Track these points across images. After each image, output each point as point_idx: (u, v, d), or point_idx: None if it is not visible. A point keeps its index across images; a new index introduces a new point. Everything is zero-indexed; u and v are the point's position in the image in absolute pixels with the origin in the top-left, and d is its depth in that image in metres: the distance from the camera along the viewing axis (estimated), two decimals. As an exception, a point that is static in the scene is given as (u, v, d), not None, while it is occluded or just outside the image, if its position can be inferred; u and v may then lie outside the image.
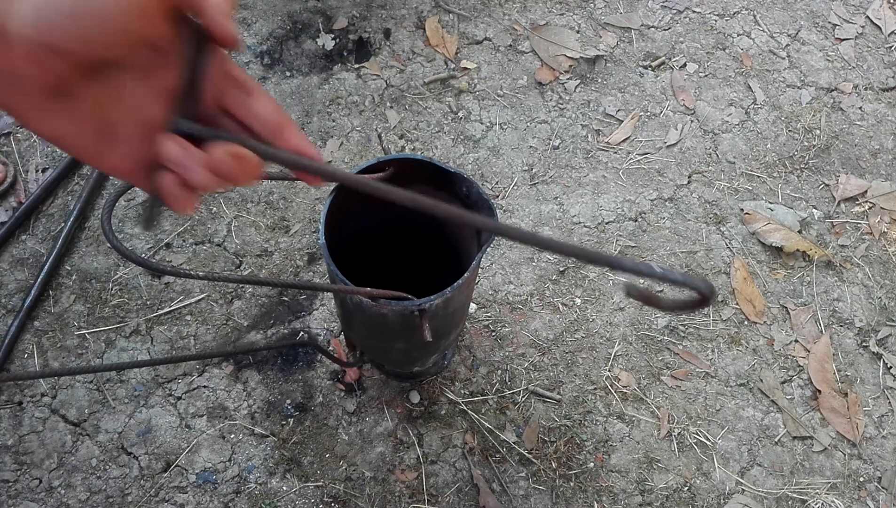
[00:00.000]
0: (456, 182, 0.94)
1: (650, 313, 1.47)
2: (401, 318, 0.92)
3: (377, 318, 0.94)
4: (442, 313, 0.95)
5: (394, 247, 1.20)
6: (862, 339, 1.49)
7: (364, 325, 1.02)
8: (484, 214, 0.93)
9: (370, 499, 1.27)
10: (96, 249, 1.44)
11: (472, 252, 1.02)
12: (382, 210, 1.05)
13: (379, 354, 1.25)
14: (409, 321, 0.93)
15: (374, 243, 1.16)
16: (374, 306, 0.88)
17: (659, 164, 1.64)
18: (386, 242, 1.18)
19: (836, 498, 1.33)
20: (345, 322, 1.15)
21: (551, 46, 1.75)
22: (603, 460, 1.33)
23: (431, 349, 1.14)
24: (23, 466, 1.25)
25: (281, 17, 1.73)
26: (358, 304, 0.90)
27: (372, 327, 1.00)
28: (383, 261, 1.21)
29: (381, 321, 0.95)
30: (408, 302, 0.87)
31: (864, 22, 1.89)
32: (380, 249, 1.18)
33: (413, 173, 0.94)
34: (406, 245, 1.19)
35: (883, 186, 1.66)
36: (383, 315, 0.92)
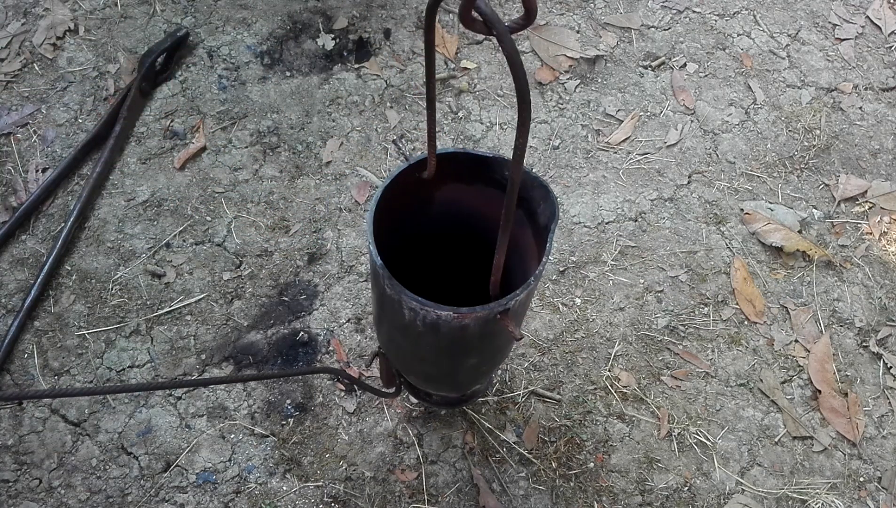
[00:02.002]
0: (495, 167, 0.87)
1: (650, 313, 1.47)
2: (482, 325, 0.83)
3: (454, 332, 0.84)
4: (522, 309, 0.88)
5: (427, 251, 1.11)
6: (862, 339, 1.49)
7: (433, 346, 0.91)
8: (537, 194, 0.86)
9: (370, 499, 1.27)
10: (96, 249, 1.44)
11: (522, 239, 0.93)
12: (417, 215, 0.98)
13: (441, 381, 1.11)
14: (490, 327, 0.84)
15: (407, 250, 1.07)
16: (454, 318, 0.79)
17: (659, 164, 1.64)
18: (420, 246, 1.09)
19: (836, 498, 1.33)
20: (396, 347, 1.02)
21: (551, 46, 1.75)
22: (603, 460, 1.33)
23: (501, 358, 1.06)
24: (23, 466, 1.25)
25: (281, 17, 1.73)
26: (433, 321, 0.81)
27: (444, 345, 0.89)
28: (416, 267, 1.11)
29: (459, 335, 0.86)
30: (492, 304, 0.79)
31: (864, 22, 1.89)
32: (413, 255, 1.09)
33: (446, 168, 0.87)
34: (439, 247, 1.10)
35: (883, 186, 1.66)
36: (464, 327, 0.82)
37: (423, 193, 0.94)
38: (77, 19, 1.68)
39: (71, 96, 1.59)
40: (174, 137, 1.56)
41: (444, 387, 1.17)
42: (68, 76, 1.61)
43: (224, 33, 1.69)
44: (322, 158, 1.57)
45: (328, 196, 1.53)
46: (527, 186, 0.86)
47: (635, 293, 1.49)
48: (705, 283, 1.51)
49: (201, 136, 1.57)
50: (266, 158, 1.56)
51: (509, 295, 0.80)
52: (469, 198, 0.94)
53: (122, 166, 1.53)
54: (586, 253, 1.52)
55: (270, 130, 1.59)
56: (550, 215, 0.84)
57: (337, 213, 1.52)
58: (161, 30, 1.67)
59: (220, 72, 1.64)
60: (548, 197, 0.84)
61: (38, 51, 1.63)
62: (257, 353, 1.37)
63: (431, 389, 1.18)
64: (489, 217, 0.96)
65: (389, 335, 0.98)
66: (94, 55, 1.64)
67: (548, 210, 0.85)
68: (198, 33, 1.68)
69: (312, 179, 1.55)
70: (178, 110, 1.60)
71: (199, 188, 1.52)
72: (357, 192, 1.54)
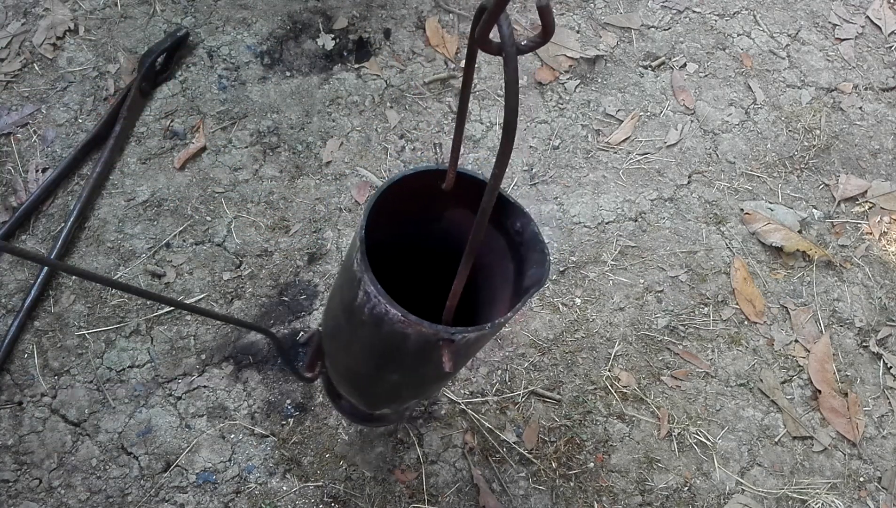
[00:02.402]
0: (511, 215, 0.84)
1: (650, 313, 1.47)
2: (422, 342, 0.79)
3: (394, 337, 0.80)
4: (466, 350, 0.84)
5: (412, 264, 1.07)
6: (862, 339, 1.49)
7: (366, 343, 0.87)
8: (534, 257, 0.82)
9: (370, 499, 1.27)
10: (96, 249, 1.44)
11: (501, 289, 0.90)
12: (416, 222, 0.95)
13: (356, 383, 1.05)
14: (428, 349, 0.80)
15: (392, 255, 1.03)
16: (399, 321, 0.75)
17: (659, 164, 1.64)
18: (407, 257, 1.05)
19: (836, 498, 1.33)
20: (334, 328, 0.97)
21: (551, 46, 1.75)
22: (603, 460, 1.33)
23: (427, 390, 1.01)
24: (23, 466, 1.25)
25: (281, 17, 1.73)
26: (379, 315, 0.77)
27: (376, 346, 0.86)
28: (398, 276, 1.07)
29: (395, 342, 0.81)
30: (439, 326, 0.75)
31: (864, 22, 1.89)
32: (397, 262, 1.05)
33: (466, 192, 0.84)
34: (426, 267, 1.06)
35: (883, 186, 1.66)
36: (404, 335, 0.79)
37: (435, 203, 0.90)
38: (77, 19, 1.68)
39: (71, 96, 1.59)
40: (174, 137, 1.56)
41: (357, 392, 1.09)
42: (68, 76, 1.61)
43: (224, 33, 1.69)
44: (322, 158, 1.57)
45: (328, 196, 1.53)
46: (529, 247, 0.83)
47: (635, 293, 1.49)
48: (705, 283, 1.51)
49: (201, 136, 1.57)
50: (266, 158, 1.56)
51: (461, 328, 0.76)
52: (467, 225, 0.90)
53: (122, 166, 1.53)
54: (586, 253, 1.52)
55: (270, 130, 1.59)
56: (537, 280, 0.81)
57: (337, 213, 1.52)
58: (161, 30, 1.67)
59: (220, 72, 1.64)
60: (543, 264, 0.81)
61: (38, 51, 1.63)
62: (257, 353, 1.37)
63: (345, 390, 1.10)
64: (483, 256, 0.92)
65: (334, 312, 0.93)
66: (94, 55, 1.64)
67: (537, 275, 0.82)
68: (198, 33, 1.68)
69: (312, 179, 1.55)
70: (178, 110, 1.60)
71: (199, 188, 1.52)
72: (357, 192, 1.54)
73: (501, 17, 0.55)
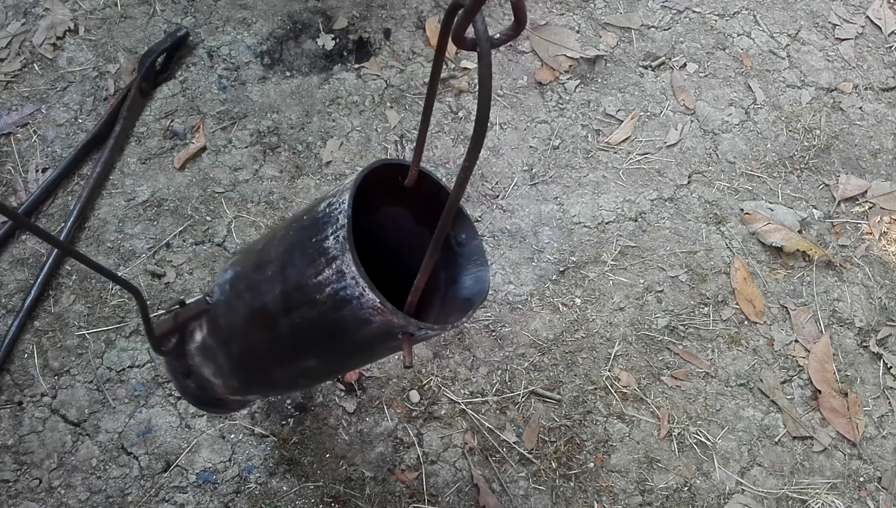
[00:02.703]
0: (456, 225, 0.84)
1: (650, 313, 1.47)
2: (381, 331, 0.75)
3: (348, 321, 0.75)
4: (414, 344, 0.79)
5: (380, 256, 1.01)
6: (862, 339, 1.49)
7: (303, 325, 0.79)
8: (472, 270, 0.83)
9: (370, 499, 1.27)
10: (96, 249, 1.44)
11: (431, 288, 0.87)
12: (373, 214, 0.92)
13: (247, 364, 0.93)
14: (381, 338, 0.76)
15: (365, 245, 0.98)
16: (372, 307, 0.71)
17: (659, 164, 1.64)
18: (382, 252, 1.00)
19: (836, 498, 1.33)
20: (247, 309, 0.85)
21: (551, 46, 1.75)
22: (603, 460, 1.33)
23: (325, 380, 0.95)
24: (23, 466, 1.25)
25: (281, 17, 1.73)
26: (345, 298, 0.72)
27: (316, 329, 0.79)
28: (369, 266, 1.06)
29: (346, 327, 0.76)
30: (413, 319, 0.72)
31: (864, 22, 1.89)
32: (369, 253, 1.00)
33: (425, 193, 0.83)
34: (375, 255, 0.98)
35: (883, 187, 1.66)
36: (365, 321, 0.74)
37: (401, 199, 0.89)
38: (77, 19, 1.68)
39: (71, 96, 1.59)
40: (174, 137, 1.56)
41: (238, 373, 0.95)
42: (68, 76, 1.61)
43: (224, 33, 1.69)
44: (322, 158, 1.57)
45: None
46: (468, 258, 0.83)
47: (635, 293, 1.49)
48: (705, 283, 1.51)
49: (201, 136, 1.57)
50: (266, 158, 1.56)
51: (427, 324, 0.74)
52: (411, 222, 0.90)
53: (122, 166, 1.53)
54: (586, 253, 1.52)
55: (270, 130, 1.59)
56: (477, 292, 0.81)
57: (337, 213, 1.51)
58: (161, 30, 1.67)
59: (220, 72, 1.64)
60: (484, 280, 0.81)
61: (38, 51, 1.63)
62: (257, 353, 1.37)
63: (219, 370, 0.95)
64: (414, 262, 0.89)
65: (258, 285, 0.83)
66: (94, 55, 1.64)
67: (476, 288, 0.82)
68: (198, 33, 1.68)
69: (312, 179, 1.55)
70: (178, 110, 1.60)
71: (199, 188, 1.52)
72: (357, 192, 1.54)
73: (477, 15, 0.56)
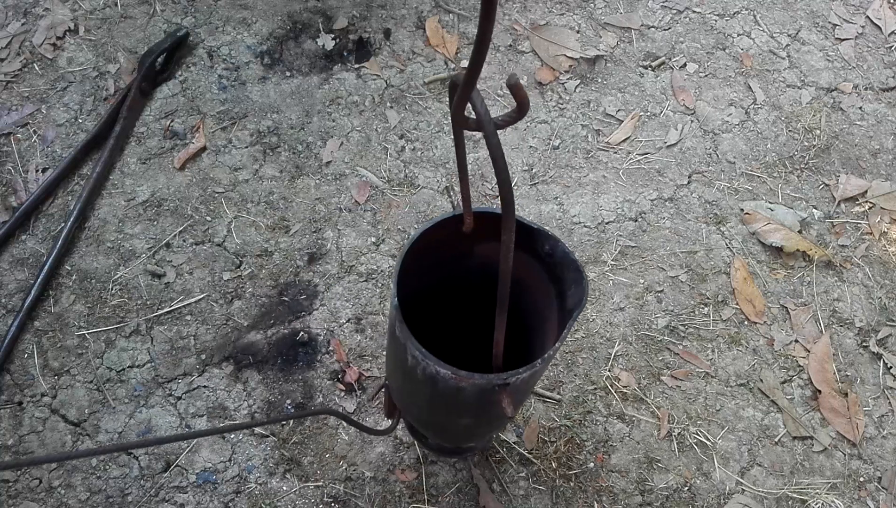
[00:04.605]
0: (538, 239, 0.86)
1: (650, 313, 1.47)
2: (479, 392, 0.82)
3: (450, 391, 0.83)
4: (524, 387, 0.86)
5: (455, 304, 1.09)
6: (862, 339, 1.49)
7: (429, 398, 0.90)
8: (571, 276, 0.85)
9: (370, 499, 1.27)
10: (96, 249, 1.44)
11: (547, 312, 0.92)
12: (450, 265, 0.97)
13: (433, 428, 1.11)
14: (486, 396, 0.82)
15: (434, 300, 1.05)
16: (451, 378, 0.78)
17: (659, 164, 1.64)
18: (448, 298, 1.07)
19: (836, 498, 1.33)
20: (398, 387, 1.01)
21: (551, 46, 1.75)
22: (603, 460, 1.33)
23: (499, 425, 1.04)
24: (23, 466, 1.25)
25: (281, 17, 1.73)
26: (431, 375, 0.80)
27: (439, 399, 0.89)
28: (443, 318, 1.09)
29: (454, 395, 0.84)
30: (491, 376, 0.77)
31: (864, 22, 1.89)
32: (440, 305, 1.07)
33: (489, 227, 0.86)
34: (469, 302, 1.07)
35: (883, 186, 1.66)
36: (459, 389, 0.81)
37: (462, 245, 0.92)
38: (77, 19, 1.68)
39: (71, 96, 1.59)
40: (174, 137, 1.56)
41: (438, 434, 1.15)
42: (68, 76, 1.61)
43: (224, 33, 1.69)
44: (322, 158, 1.57)
45: (328, 196, 1.53)
46: (563, 265, 0.85)
47: (635, 293, 1.49)
48: (705, 283, 1.51)
49: (201, 136, 1.57)
50: (266, 158, 1.56)
51: (511, 372, 0.78)
52: None
53: (122, 166, 1.53)
54: (586, 253, 1.52)
55: (270, 130, 1.59)
56: (578, 300, 0.82)
57: (337, 213, 1.52)
58: (161, 30, 1.67)
59: (220, 72, 1.64)
60: (580, 282, 0.83)
61: (38, 51, 1.63)
62: (257, 353, 1.37)
63: (426, 433, 1.16)
64: (521, 281, 0.95)
65: (393, 371, 0.98)
66: (94, 55, 1.64)
67: (577, 295, 0.84)
68: (198, 33, 1.68)
69: (312, 179, 1.55)
70: (178, 110, 1.60)
71: (199, 188, 1.52)
72: (357, 192, 1.54)
73: (475, 95, 0.56)
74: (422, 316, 0.98)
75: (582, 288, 0.82)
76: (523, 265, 0.91)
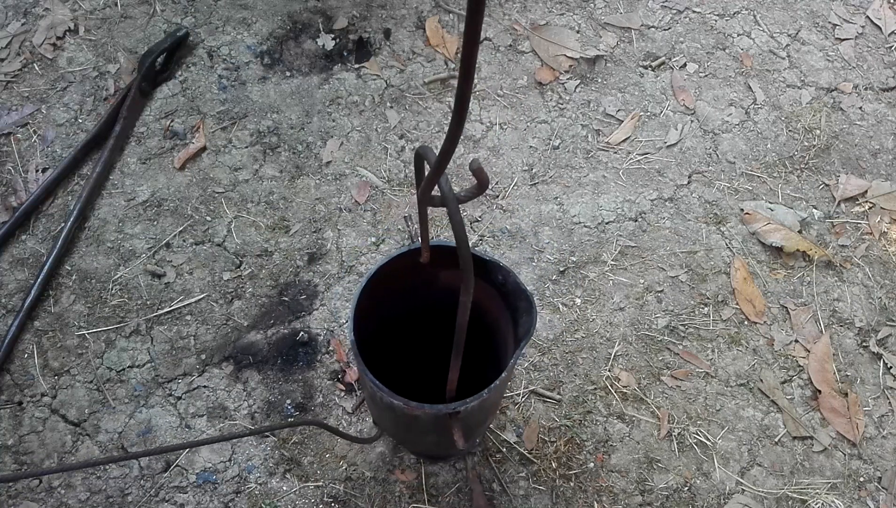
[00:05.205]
0: (491, 271, 0.93)
1: (650, 313, 1.47)
2: (433, 419, 0.90)
3: (408, 418, 0.91)
4: (477, 412, 0.93)
5: (419, 331, 1.17)
6: (862, 339, 1.49)
7: (394, 420, 1.00)
8: (522, 305, 0.90)
9: (370, 499, 1.27)
10: (96, 249, 1.44)
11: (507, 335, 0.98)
12: (411, 296, 1.04)
13: (407, 443, 1.23)
14: (442, 422, 0.90)
15: (399, 329, 1.13)
16: (404, 408, 0.86)
17: (659, 164, 1.64)
18: (412, 327, 1.15)
19: (836, 498, 1.33)
20: (371, 407, 1.11)
21: (551, 46, 1.75)
22: (603, 460, 1.33)
23: (477, 432, 1.12)
24: (23, 466, 1.25)
25: (281, 17, 1.73)
26: (389, 404, 0.88)
27: (402, 422, 0.98)
28: (408, 346, 1.18)
29: (412, 420, 0.92)
30: (440, 406, 0.84)
31: (864, 22, 1.89)
32: (405, 334, 1.16)
33: (446, 259, 0.92)
34: (432, 330, 1.15)
35: (883, 186, 1.66)
36: (415, 417, 0.89)
37: (420, 275, 0.99)
38: (77, 19, 1.68)
39: (71, 96, 1.59)
40: (174, 137, 1.56)
41: (410, 447, 1.24)
42: (68, 76, 1.61)
43: (224, 33, 1.69)
44: (322, 158, 1.57)
45: (328, 196, 1.53)
46: (515, 295, 0.91)
47: (635, 293, 1.49)
48: (705, 283, 1.51)
49: (201, 136, 1.57)
50: (266, 158, 1.56)
51: (459, 402, 0.84)
52: None
53: (122, 166, 1.53)
54: (586, 253, 1.52)
55: (270, 130, 1.59)
56: (527, 330, 0.88)
57: (337, 213, 1.52)
58: (161, 30, 1.67)
59: (220, 72, 1.64)
60: (530, 311, 0.89)
61: (38, 51, 1.63)
62: (257, 353, 1.37)
63: (404, 446, 1.26)
64: (482, 307, 1.01)
65: (370, 401, 1.07)
66: (94, 55, 1.64)
67: (526, 324, 0.89)
68: (198, 33, 1.68)
69: (312, 179, 1.55)
70: (178, 110, 1.60)
71: (199, 188, 1.52)
72: (357, 192, 1.54)
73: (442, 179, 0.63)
74: (393, 340, 1.06)
75: (531, 317, 0.87)
76: (484, 292, 0.98)
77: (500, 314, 1.00)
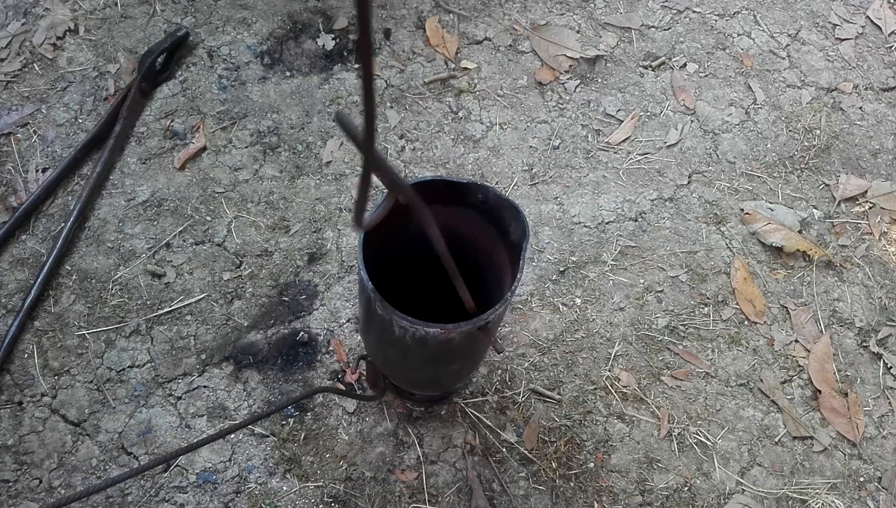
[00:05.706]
0: (469, 193, 0.94)
1: (650, 313, 1.47)
2: (465, 338, 0.91)
3: (441, 345, 0.92)
4: (498, 323, 0.95)
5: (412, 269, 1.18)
6: (862, 339, 1.49)
7: (421, 359, 1.00)
8: (508, 214, 0.93)
9: (370, 499, 1.27)
10: (96, 249, 1.44)
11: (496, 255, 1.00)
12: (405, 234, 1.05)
13: (424, 383, 1.21)
14: (472, 338, 0.92)
15: (394, 269, 1.14)
16: (441, 334, 0.87)
17: (659, 164, 1.64)
18: (404, 266, 1.17)
19: (836, 498, 1.33)
20: (385, 358, 1.11)
21: (551, 46, 1.75)
22: (603, 460, 1.33)
23: (480, 360, 1.14)
24: (23, 466, 1.25)
25: (281, 17, 1.73)
26: (422, 337, 0.89)
27: (430, 355, 0.98)
28: (411, 285, 1.19)
29: (445, 347, 0.94)
30: (473, 320, 0.86)
31: (864, 22, 1.89)
32: (399, 273, 1.17)
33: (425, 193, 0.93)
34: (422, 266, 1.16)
35: (883, 187, 1.66)
36: (449, 341, 0.91)
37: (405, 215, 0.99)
38: (77, 19, 1.68)
39: (71, 96, 1.59)
40: (174, 137, 1.56)
41: (428, 388, 1.26)
42: (68, 76, 1.61)
43: (224, 33, 1.69)
44: (322, 158, 1.57)
45: (328, 196, 1.53)
46: (498, 207, 0.93)
47: (635, 293, 1.49)
48: (705, 283, 1.51)
49: (201, 136, 1.57)
50: (266, 158, 1.56)
51: (488, 311, 0.87)
52: (446, 218, 1.01)
53: (122, 166, 1.53)
54: (586, 253, 1.52)
55: (270, 130, 1.59)
56: (521, 233, 0.90)
57: (337, 213, 1.52)
58: (161, 30, 1.67)
59: (220, 72, 1.64)
60: (518, 216, 0.91)
61: (38, 51, 1.63)
62: (257, 353, 1.37)
63: (416, 391, 1.27)
64: (465, 234, 1.04)
65: (377, 346, 1.06)
66: (94, 55, 1.64)
67: (518, 229, 0.91)
68: (198, 33, 1.68)
69: (312, 179, 1.55)
70: (178, 110, 1.60)
71: (199, 188, 1.52)
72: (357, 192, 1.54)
73: None
74: (385, 286, 1.07)
75: (521, 221, 0.90)
76: (464, 219, 1.00)
77: (483, 235, 1.01)
